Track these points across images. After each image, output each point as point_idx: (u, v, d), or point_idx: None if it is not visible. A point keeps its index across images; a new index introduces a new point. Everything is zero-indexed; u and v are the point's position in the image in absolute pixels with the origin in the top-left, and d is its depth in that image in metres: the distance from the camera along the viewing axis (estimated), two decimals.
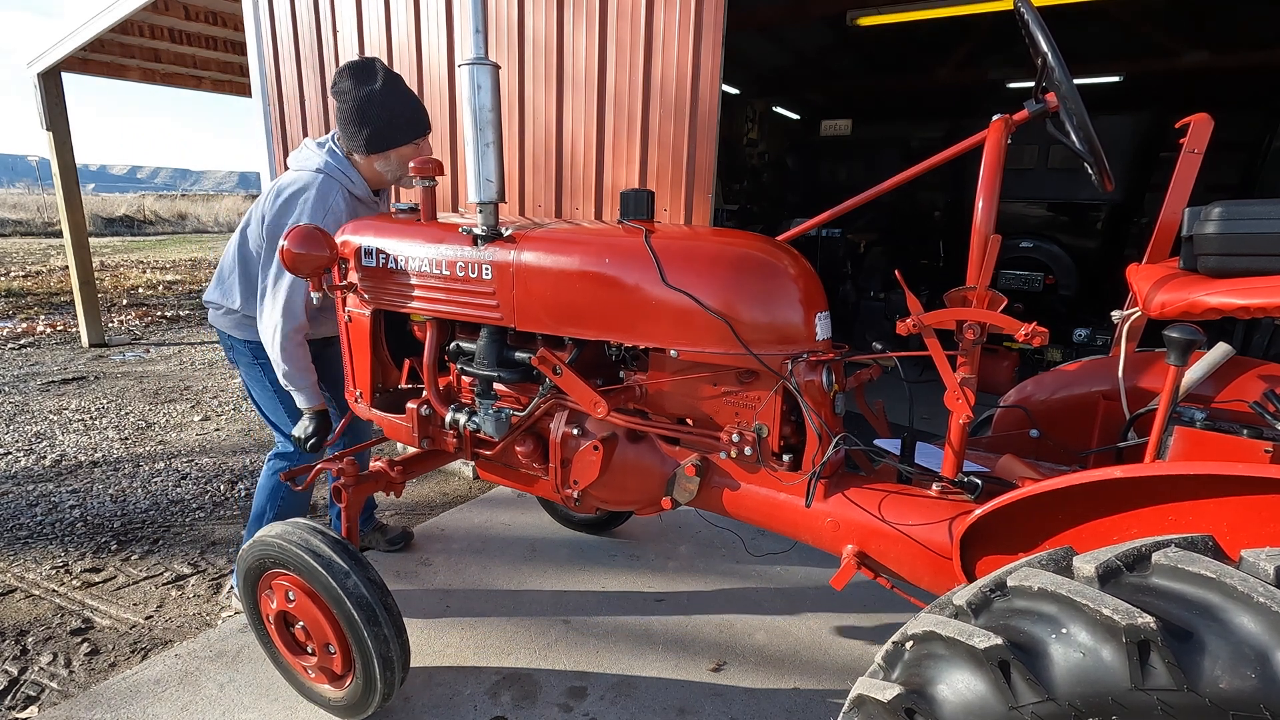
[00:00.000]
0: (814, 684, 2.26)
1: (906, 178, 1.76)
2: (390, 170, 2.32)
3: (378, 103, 2.19)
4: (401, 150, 2.28)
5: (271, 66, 4.38)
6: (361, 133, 2.22)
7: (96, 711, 2.09)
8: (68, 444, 4.36)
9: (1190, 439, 1.33)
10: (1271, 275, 1.23)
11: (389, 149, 2.26)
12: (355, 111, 2.20)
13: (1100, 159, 1.49)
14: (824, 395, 1.55)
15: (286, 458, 2.52)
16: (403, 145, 2.28)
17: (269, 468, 2.55)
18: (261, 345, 2.38)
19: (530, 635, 2.48)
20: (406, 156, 2.29)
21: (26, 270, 12.41)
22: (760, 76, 8.66)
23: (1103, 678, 0.85)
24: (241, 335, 2.43)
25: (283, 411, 2.46)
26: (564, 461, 1.91)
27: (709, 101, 2.93)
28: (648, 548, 3.10)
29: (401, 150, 2.28)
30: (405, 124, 2.26)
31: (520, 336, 1.94)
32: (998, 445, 1.84)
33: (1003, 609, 1.00)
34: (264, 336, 2.25)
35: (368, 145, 2.24)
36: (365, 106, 2.19)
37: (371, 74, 2.19)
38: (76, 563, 2.98)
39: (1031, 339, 1.28)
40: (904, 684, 1.02)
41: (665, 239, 1.65)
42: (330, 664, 1.94)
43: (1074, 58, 6.80)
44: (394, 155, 2.28)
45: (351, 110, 2.20)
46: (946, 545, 1.42)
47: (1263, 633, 0.79)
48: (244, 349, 2.44)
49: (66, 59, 6.17)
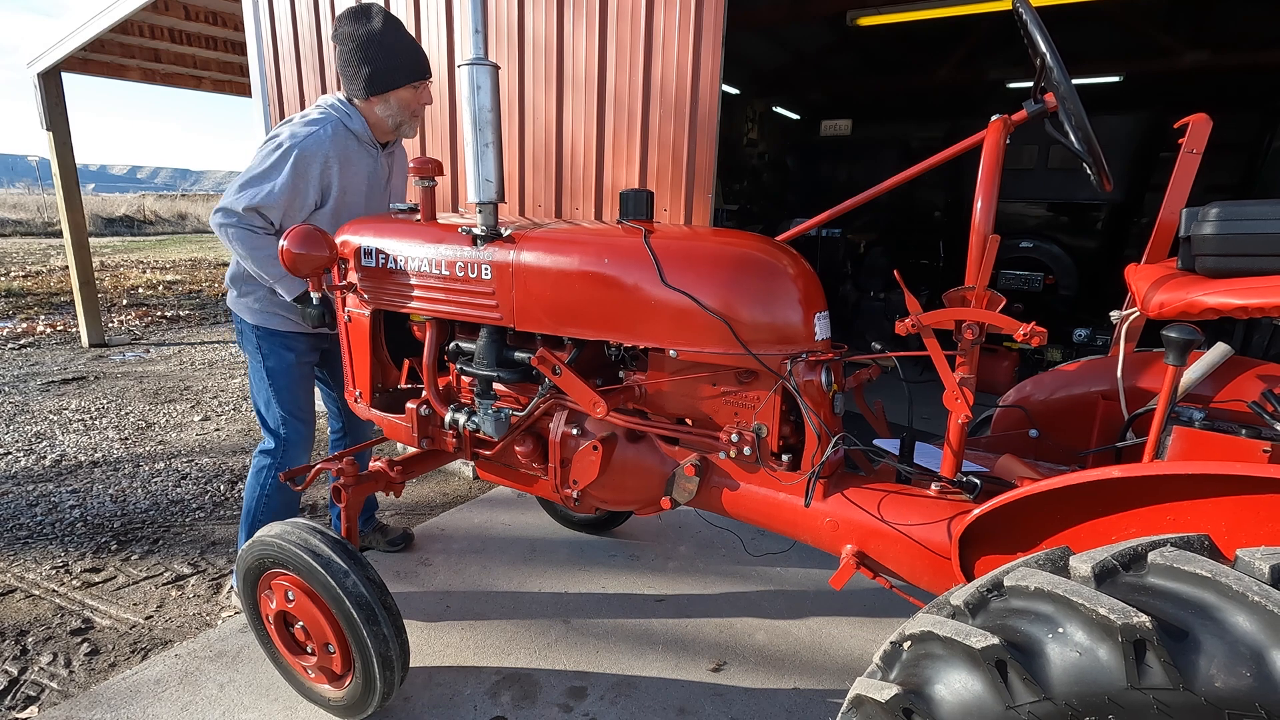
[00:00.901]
0: (814, 684, 2.26)
1: (906, 178, 1.76)
2: (391, 115, 2.30)
3: (376, 43, 2.18)
4: (400, 93, 2.26)
5: (271, 66, 4.38)
6: (360, 74, 2.21)
7: (96, 711, 2.09)
8: (68, 444, 4.37)
9: (1189, 439, 1.33)
10: (1270, 275, 1.23)
11: (387, 91, 2.24)
12: (354, 53, 2.19)
13: (1099, 159, 1.49)
14: (823, 395, 1.55)
15: (270, 454, 2.50)
16: (400, 87, 2.25)
17: (255, 465, 2.53)
18: (264, 330, 2.40)
19: (530, 635, 2.48)
20: (406, 101, 2.28)
21: (26, 270, 12.41)
22: (760, 76, 8.65)
23: (1099, 677, 0.85)
24: (249, 319, 2.42)
25: (274, 404, 2.45)
26: (563, 461, 1.91)
27: (709, 101, 2.94)
28: (648, 548, 3.10)
29: (400, 93, 2.26)
30: (403, 66, 2.23)
31: (520, 336, 1.94)
32: (997, 445, 1.84)
33: (1000, 609, 1.00)
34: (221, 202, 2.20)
35: (366, 87, 2.23)
36: (364, 47, 2.18)
37: (370, 16, 2.18)
38: (76, 563, 2.98)
39: (1031, 339, 1.29)
40: (902, 684, 1.03)
41: (664, 239, 1.65)
42: (330, 664, 1.94)
43: (1074, 58, 6.81)
44: (393, 99, 2.26)
45: (350, 52, 2.20)
46: (945, 545, 1.42)
47: (1258, 631, 0.79)
48: (250, 333, 2.43)
49: (67, 59, 6.18)
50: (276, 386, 2.45)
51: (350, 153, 2.28)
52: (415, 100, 2.31)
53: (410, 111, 2.32)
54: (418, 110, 2.35)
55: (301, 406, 2.52)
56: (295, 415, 2.50)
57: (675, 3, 2.89)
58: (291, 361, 2.46)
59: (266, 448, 2.51)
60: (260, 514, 2.50)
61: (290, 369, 2.47)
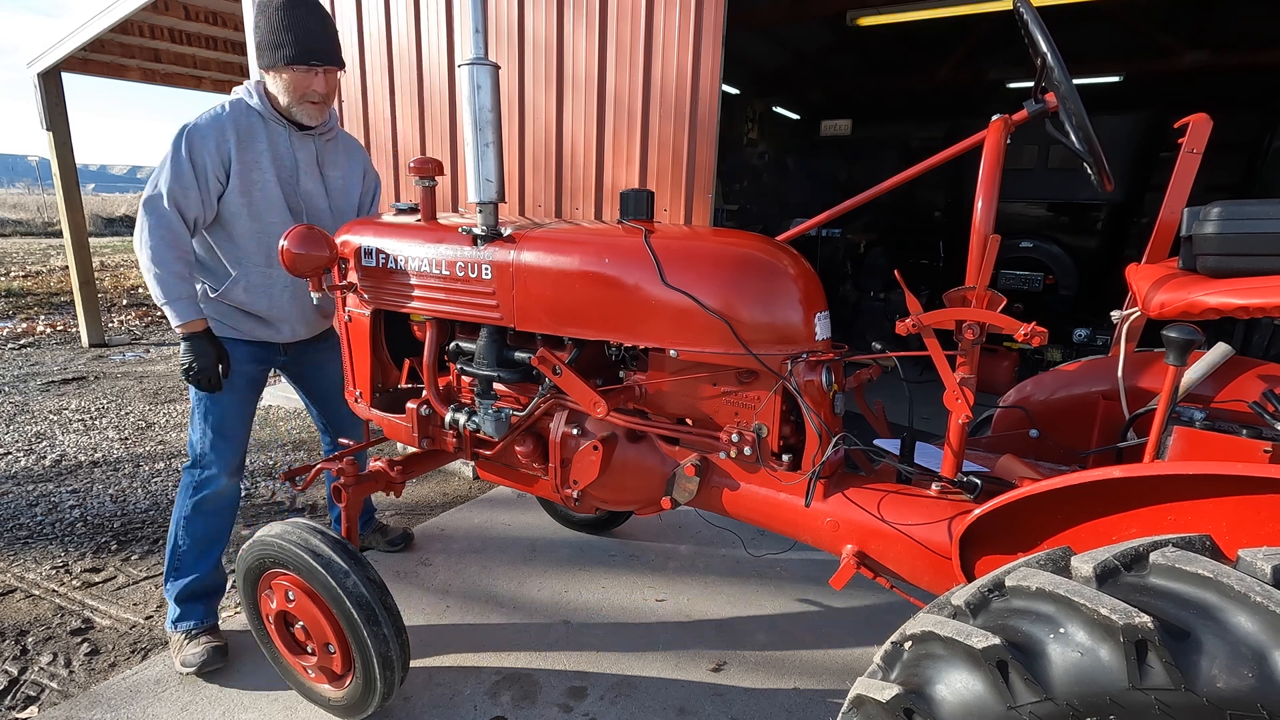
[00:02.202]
0: (814, 684, 2.26)
1: (906, 178, 1.76)
2: (281, 93, 2.16)
3: (270, 18, 2.09)
4: (285, 74, 2.12)
5: None
6: (256, 45, 2.14)
7: (96, 711, 2.09)
8: (68, 444, 4.36)
9: (1189, 439, 1.33)
10: (1271, 275, 1.23)
11: (270, 68, 2.13)
12: (254, 21, 2.14)
13: (1100, 159, 1.49)
14: (823, 395, 1.55)
15: (189, 471, 2.30)
16: (283, 68, 2.10)
17: (180, 483, 2.33)
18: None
19: (530, 635, 2.48)
20: (294, 83, 2.13)
21: (26, 270, 12.41)
22: (760, 76, 8.66)
23: (1100, 677, 0.85)
24: None
25: (197, 416, 2.27)
26: (564, 461, 1.91)
27: (709, 101, 2.94)
28: (648, 548, 3.10)
29: (285, 74, 2.12)
30: (285, 45, 2.08)
31: (520, 336, 1.94)
32: (997, 445, 1.84)
33: (1001, 609, 1.00)
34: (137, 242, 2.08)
35: (257, 59, 2.16)
36: (259, 19, 2.11)
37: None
38: (76, 563, 2.98)
39: (1031, 339, 1.29)
40: (903, 684, 1.03)
41: (665, 239, 1.65)
42: (330, 664, 1.94)
43: (1074, 58, 6.81)
44: (281, 77, 2.13)
45: (256, 21, 2.13)
46: (946, 545, 1.42)
47: (1260, 632, 0.79)
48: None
49: (67, 59, 6.17)
50: (201, 397, 2.24)
51: (254, 128, 2.17)
52: (303, 85, 2.13)
53: (299, 95, 2.14)
54: (310, 96, 2.15)
55: (227, 423, 2.29)
56: (219, 431, 2.28)
57: (675, 3, 2.89)
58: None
59: (187, 464, 2.31)
60: (180, 539, 2.30)
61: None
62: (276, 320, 2.33)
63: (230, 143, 2.12)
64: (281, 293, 2.30)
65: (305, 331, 2.44)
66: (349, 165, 2.45)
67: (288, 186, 2.26)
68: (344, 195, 2.45)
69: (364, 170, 2.51)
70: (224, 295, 2.24)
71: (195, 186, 2.09)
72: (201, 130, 2.10)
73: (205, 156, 2.09)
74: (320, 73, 2.14)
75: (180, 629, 2.29)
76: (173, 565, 2.31)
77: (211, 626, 2.35)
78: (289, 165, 2.25)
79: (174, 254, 2.08)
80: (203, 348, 2.12)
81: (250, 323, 2.31)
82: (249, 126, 2.17)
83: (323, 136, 2.33)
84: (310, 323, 2.44)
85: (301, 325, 2.41)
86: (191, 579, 2.30)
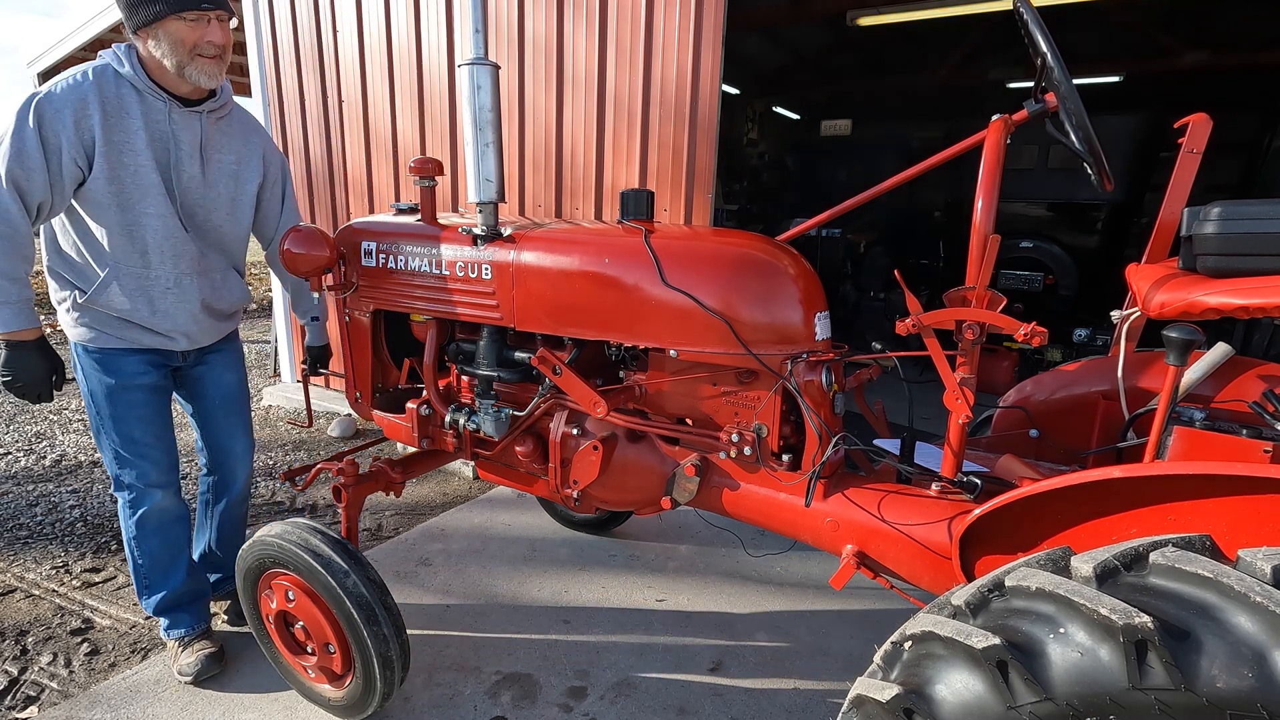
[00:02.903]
0: (814, 684, 2.26)
1: (906, 178, 1.76)
2: (164, 54, 1.79)
3: None
4: (169, 25, 1.76)
5: (271, 66, 4.38)
6: (125, 4, 1.79)
7: (96, 711, 2.09)
8: (68, 444, 4.36)
9: (1189, 439, 1.33)
10: (1271, 275, 1.23)
11: (152, 23, 1.76)
12: None
13: (1100, 159, 1.49)
14: (823, 395, 1.55)
15: (117, 493, 2.13)
16: (165, 18, 1.75)
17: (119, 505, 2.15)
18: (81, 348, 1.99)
19: (530, 635, 2.48)
20: (180, 37, 1.77)
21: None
22: (760, 76, 8.66)
23: (1100, 677, 0.85)
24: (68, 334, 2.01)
25: (102, 436, 2.06)
26: (564, 461, 1.91)
27: (709, 102, 2.94)
28: (648, 548, 3.10)
29: (169, 25, 1.76)
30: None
31: (520, 336, 1.94)
32: (997, 445, 1.84)
33: (1001, 609, 1.00)
34: None
35: (129, 18, 1.78)
36: None
37: None
38: (76, 563, 2.98)
39: (1031, 339, 1.29)
40: (903, 684, 1.03)
41: (665, 239, 1.65)
42: (330, 664, 1.94)
43: (1074, 58, 6.81)
44: (162, 33, 1.77)
45: None
46: (946, 545, 1.42)
47: (1260, 632, 0.79)
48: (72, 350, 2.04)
49: (67, 59, 6.18)
50: (99, 409, 2.01)
51: (124, 102, 1.82)
52: (195, 36, 1.78)
53: (189, 50, 1.79)
54: (203, 49, 1.81)
55: (134, 431, 2.03)
56: (129, 449, 2.04)
57: (675, 3, 2.89)
58: (112, 384, 1.99)
59: (113, 487, 2.13)
60: (139, 559, 2.16)
61: (113, 392, 1.99)
62: (165, 329, 2.01)
63: (94, 119, 1.77)
64: (164, 295, 1.97)
65: (204, 339, 2.14)
66: (245, 148, 2.09)
67: (166, 172, 1.91)
68: (236, 182, 2.07)
69: (263, 154, 2.15)
70: (95, 301, 1.92)
71: (43, 168, 1.74)
72: (56, 101, 1.74)
73: (60, 134, 1.74)
74: (213, 19, 1.81)
75: (172, 636, 2.26)
76: (141, 584, 2.22)
77: (205, 631, 2.29)
78: (168, 147, 1.90)
79: (7, 248, 1.75)
80: (30, 360, 1.83)
81: (134, 331, 1.99)
82: (118, 99, 1.81)
83: (213, 114, 1.98)
84: (206, 328, 2.11)
85: (198, 332, 2.09)
86: (164, 594, 2.22)
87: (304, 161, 4.46)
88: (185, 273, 2.01)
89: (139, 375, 2.03)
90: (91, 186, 1.83)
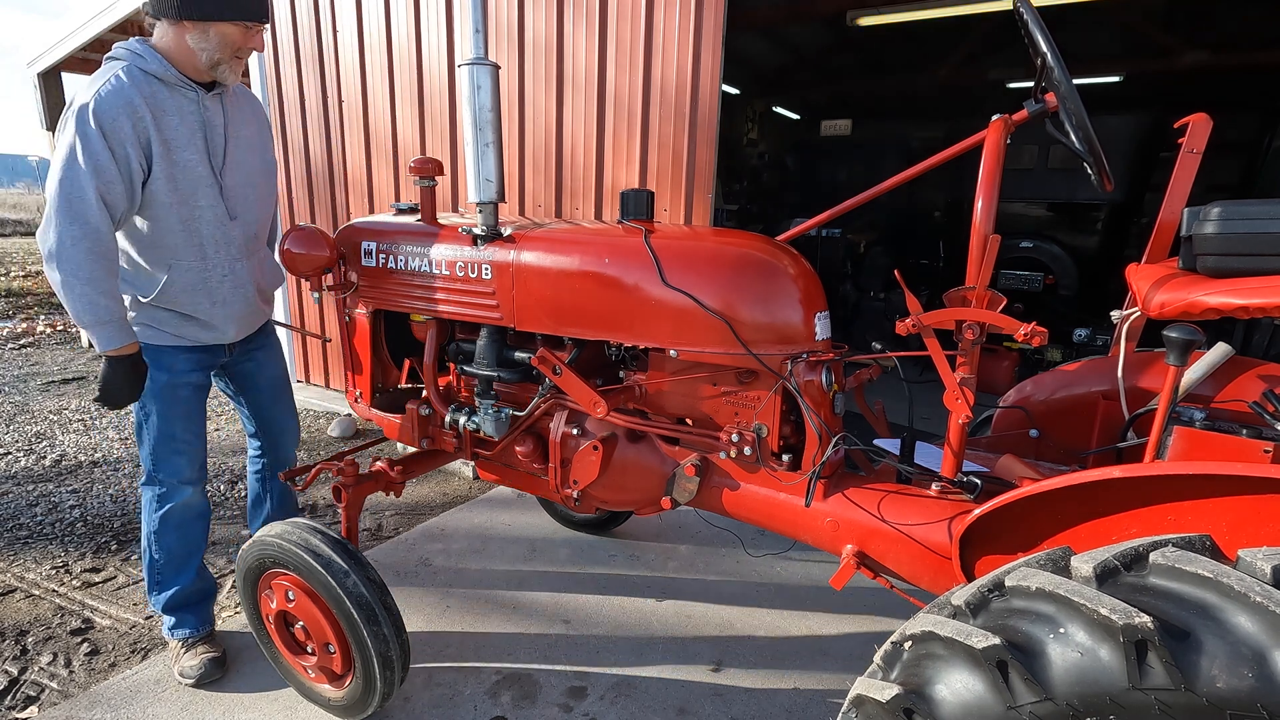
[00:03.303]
0: (814, 684, 2.26)
1: (906, 178, 1.76)
2: (206, 49, 1.83)
3: None
4: (224, 28, 1.81)
5: (271, 66, 4.38)
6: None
7: (96, 711, 2.09)
8: (68, 444, 4.36)
9: (1189, 439, 1.33)
10: (1271, 275, 1.23)
11: (208, 20, 1.79)
12: None
13: (1100, 159, 1.49)
14: (823, 395, 1.55)
15: (146, 487, 2.17)
16: (226, 21, 1.81)
17: (142, 499, 2.19)
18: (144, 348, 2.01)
19: (530, 635, 2.48)
20: (231, 39, 1.83)
21: (26, 270, 12.41)
22: (760, 76, 8.66)
23: (1100, 677, 0.85)
24: None
25: (144, 430, 2.10)
26: (564, 461, 1.91)
27: (709, 101, 2.94)
28: (648, 548, 3.10)
29: (224, 28, 1.81)
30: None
31: (520, 336, 1.94)
32: (997, 445, 1.84)
33: (1001, 609, 1.00)
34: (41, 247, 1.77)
35: (181, 8, 1.78)
36: None
37: None
38: (76, 563, 2.98)
39: (1031, 339, 1.29)
40: (903, 684, 1.03)
41: (665, 239, 1.65)
42: (330, 664, 1.94)
43: (1074, 58, 6.81)
44: (214, 31, 1.81)
45: None
46: (946, 545, 1.42)
47: (1260, 632, 0.79)
48: None
49: (67, 59, 6.18)
50: (145, 405, 2.06)
51: (159, 98, 1.83)
52: (243, 41, 1.86)
53: (233, 51, 1.86)
54: (243, 53, 1.89)
55: (177, 428, 2.11)
56: (169, 445, 2.11)
57: (675, 3, 2.89)
58: (164, 381, 2.05)
59: (143, 480, 2.17)
60: (156, 554, 2.19)
61: (162, 389, 2.05)
62: (220, 321, 2.06)
63: (146, 120, 1.79)
64: (220, 284, 2.03)
65: (252, 325, 2.21)
66: (252, 116, 2.13)
67: (210, 161, 1.96)
68: (260, 152, 2.14)
69: (265, 120, 2.22)
70: (159, 300, 1.96)
71: (118, 179, 1.77)
72: (109, 109, 1.74)
73: (124, 141, 1.76)
74: (262, 31, 1.91)
75: (176, 636, 2.26)
76: (153, 580, 2.24)
77: (208, 634, 2.30)
78: (206, 135, 1.94)
79: (104, 267, 1.79)
80: (128, 373, 1.89)
81: (192, 327, 2.04)
82: (154, 96, 1.82)
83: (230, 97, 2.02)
84: (255, 312, 2.19)
85: (246, 320, 2.16)
86: (174, 590, 2.24)
87: (304, 161, 4.46)
88: (236, 258, 2.06)
89: (188, 373, 2.11)
90: (153, 188, 1.86)
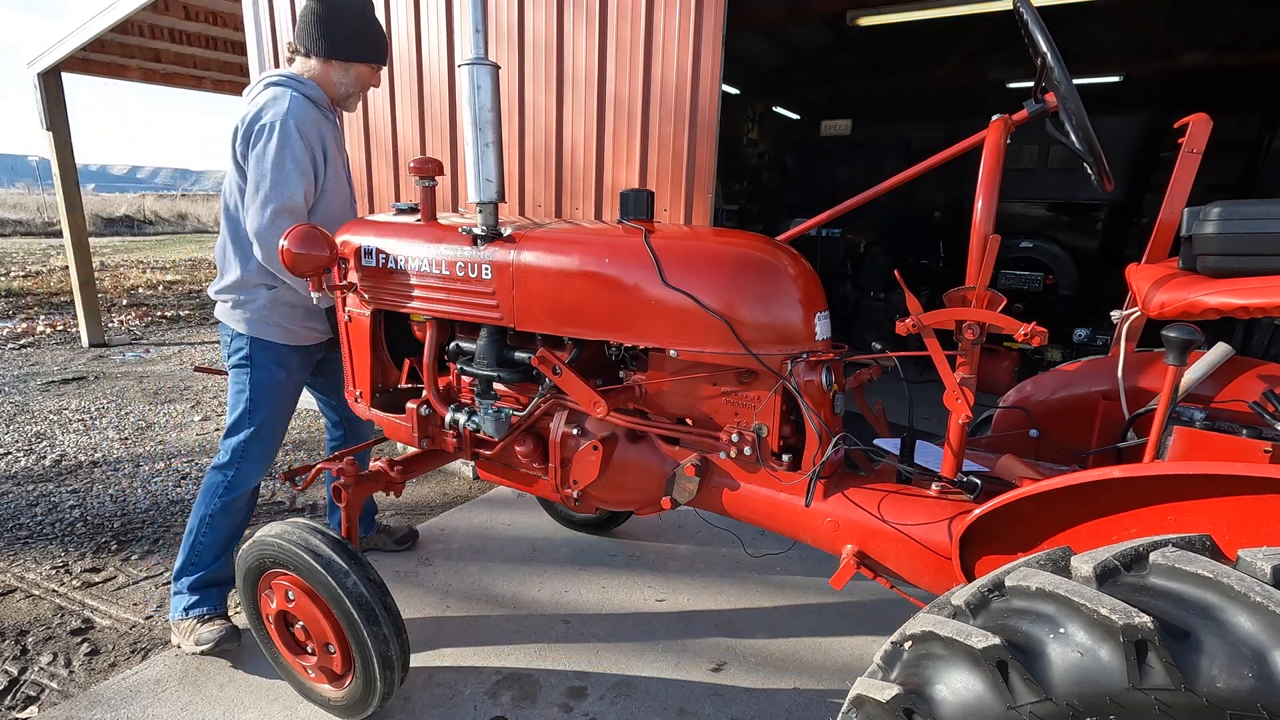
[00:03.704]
0: (814, 684, 2.26)
1: (906, 178, 1.76)
2: (345, 84, 2.28)
3: (356, 13, 2.23)
4: (360, 68, 2.27)
5: (271, 67, 4.37)
6: (330, 33, 2.20)
7: (96, 711, 2.09)
8: (68, 444, 4.36)
9: (1189, 439, 1.33)
10: (1271, 275, 1.23)
11: (352, 60, 2.25)
12: (330, 14, 2.19)
13: (1100, 159, 1.49)
14: (823, 395, 1.55)
15: (222, 470, 2.31)
16: (363, 63, 2.27)
17: (206, 482, 2.33)
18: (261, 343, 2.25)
19: (530, 635, 2.48)
20: (363, 78, 2.30)
21: (26, 270, 12.41)
22: (760, 76, 8.65)
23: (1100, 677, 0.85)
24: (245, 329, 2.25)
25: (249, 418, 2.29)
26: (564, 461, 1.91)
27: (709, 102, 2.93)
28: (648, 548, 3.10)
29: (360, 68, 2.27)
30: (374, 43, 2.28)
31: (520, 336, 1.94)
32: (997, 445, 1.84)
33: (1001, 609, 1.00)
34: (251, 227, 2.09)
35: (332, 49, 2.21)
36: (342, 11, 2.20)
37: None
38: (76, 563, 2.98)
39: (1031, 339, 1.29)
40: (903, 684, 1.03)
41: (665, 239, 1.65)
42: (330, 664, 1.94)
43: (1074, 58, 6.81)
44: (354, 70, 2.27)
45: (326, 13, 2.19)
46: (946, 545, 1.42)
47: (1260, 632, 0.79)
48: (243, 344, 2.27)
49: (67, 59, 6.17)
50: (257, 400, 2.28)
51: (318, 119, 2.22)
52: (370, 80, 2.33)
53: (362, 88, 2.33)
54: (366, 89, 2.36)
55: (275, 424, 2.35)
56: (266, 433, 2.32)
57: (675, 3, 2.89)
58: (283, 379, 2.32)
59: (221, 463, 2.32)
60: (202, 536, 2.32)
61: (279, 386, 2.32)
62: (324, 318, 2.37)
63: (315, 137, 2.18)
64: None
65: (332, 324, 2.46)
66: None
67: (345, 171, 2.40)
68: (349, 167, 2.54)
69: None
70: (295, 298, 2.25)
71: (312, 180, 2.16)
72: (302, 122, 2.11)
73: (314, 147, 2.15)
74: (379, 69, 2.35)
75: (193, 615, 2.33)
76: (190, 559, 2.34)
77: (223, 613, 2.39)
78: (343, 150, 2.39)
79: None
80: None
81: (311, 323, 2.34)
82: (316, 118, 2.21)
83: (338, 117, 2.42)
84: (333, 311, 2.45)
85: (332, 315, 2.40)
86: (204, 573, 2.34)
87: None
88: None
89: (300, 370, 2.39)
90: (321, 193, 2.23)
